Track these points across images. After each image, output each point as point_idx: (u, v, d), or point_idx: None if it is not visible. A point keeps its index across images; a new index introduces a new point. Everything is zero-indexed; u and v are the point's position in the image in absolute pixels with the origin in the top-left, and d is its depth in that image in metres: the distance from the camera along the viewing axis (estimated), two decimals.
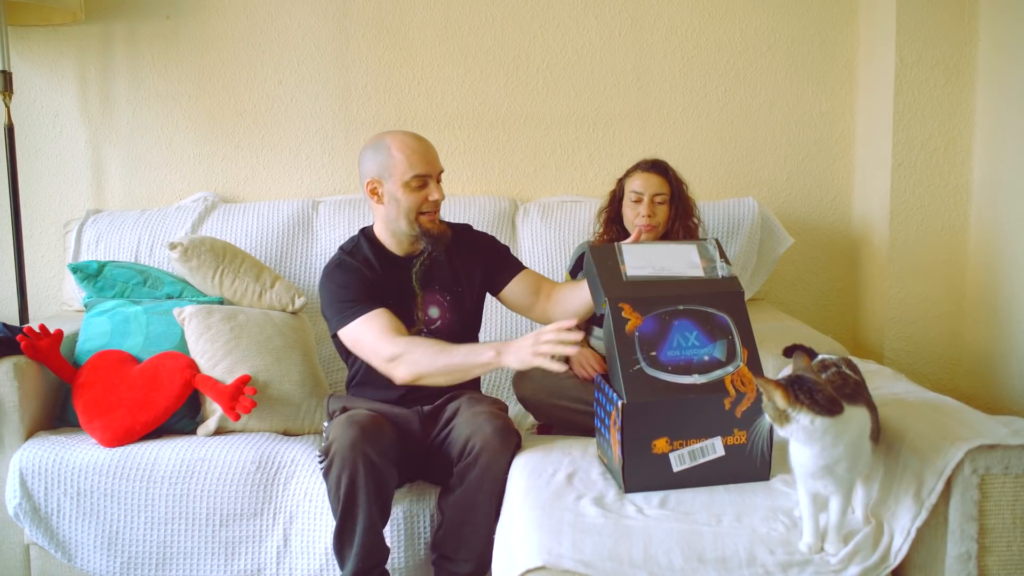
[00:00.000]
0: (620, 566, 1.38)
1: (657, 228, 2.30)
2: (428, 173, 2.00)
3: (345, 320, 1.96)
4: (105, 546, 2.05)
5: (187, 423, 2.22)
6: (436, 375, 1.87)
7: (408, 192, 1.99)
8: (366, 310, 1.94)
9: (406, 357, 1.87)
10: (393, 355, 1.88)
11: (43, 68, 2.85)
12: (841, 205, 2.95)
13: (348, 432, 1.80)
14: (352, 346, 1.98)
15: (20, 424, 2.13)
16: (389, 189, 2.00)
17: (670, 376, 1.63)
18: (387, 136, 2.02)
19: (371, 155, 2.01)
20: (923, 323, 2.74)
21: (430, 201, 2.01)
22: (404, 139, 2.00)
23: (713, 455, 1.63)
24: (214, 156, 2.91)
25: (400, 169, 1.97)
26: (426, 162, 1.99)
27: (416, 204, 2.00)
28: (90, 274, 2.42)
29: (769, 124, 2.93)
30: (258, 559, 2.04)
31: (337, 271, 2.03)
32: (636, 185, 2.31)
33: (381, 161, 1.99)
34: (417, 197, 2.00)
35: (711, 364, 1.64)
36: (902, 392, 1.71)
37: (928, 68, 2.64)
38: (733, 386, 1.63)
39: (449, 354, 1.86)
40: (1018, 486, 1.37)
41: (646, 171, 2.33)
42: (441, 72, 2.89)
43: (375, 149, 2.01)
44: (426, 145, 2.02)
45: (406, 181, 1.98)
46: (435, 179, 2.02)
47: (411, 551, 1.99)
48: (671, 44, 2.90)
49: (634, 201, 2.30)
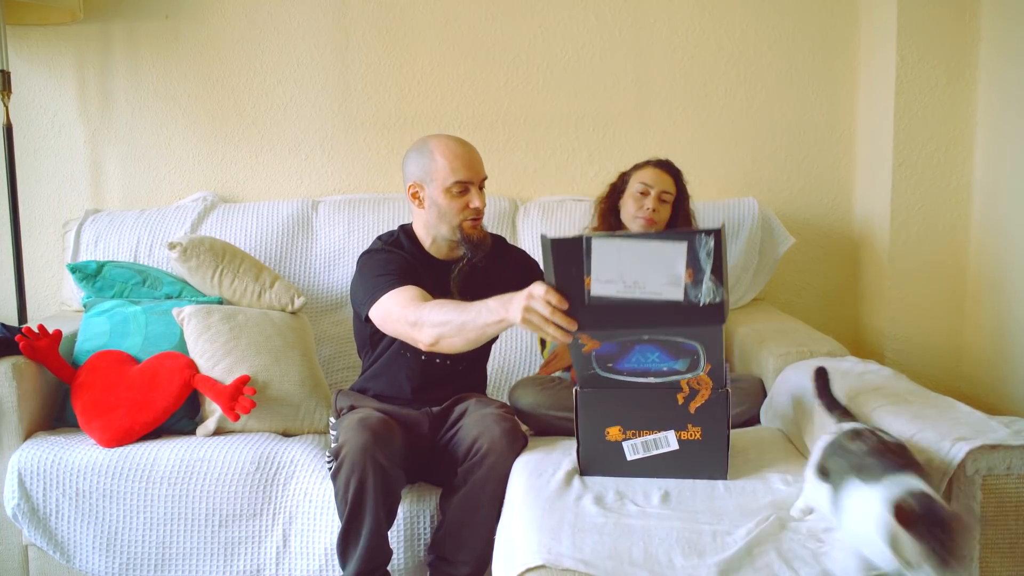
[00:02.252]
0: (620, 565, 1.38)
1: (657, 224, 2.31)
2: (470, 180, 1.98)
3: (377, 294, 1.90)
4: (104, 547, 2.04)
5: (186, 423, 2.21)
6: (453, 336, 1.76)
7: (449, 198, 1.97)
8: (398, 284, 1.90)
9: (425, 318, 1.79)
10: (416, 319, 1.80)
11: (42, 68, 2.85)
12: (842, 205, 2.95)
13: (360, 436, 1.79)
14: (383, 322, 1.91)
15: (19, 424, 2.12)
16: (430, 194, 1.99)
17: (625, 377, 1.65)
18: (431, 140, 2.00)
19: (414, 158, 2.00)
20: (924, 323, 2.74)
21: (471, 208, 1.99)
22: (448, 143, 1.99)
23: (667, 448, 1.65)
24: (213, 156, 2.91)
25: (442, 174, 1.96)
26: (469, 168, 1.97)
27: (457, 210, 1.98)
28: (89, 274, 2.41)
29: (769, 124, 2.92)
30: (257, 559, 2.03)
31: (379, 253, 2.01)
32: (646, 178, 2.32)
33: (424, 165, 1.98)
34: (458, 203, 1.98)
35: (669, 373, 1.64)
36: (903, 392, 1.71)
37: (929, 68, 2.64)
38: (688, 385, 1.64)
39: (463, 311, 1.75)
40: (1020, 486, 1.37)
41: (658, 167, 2.35)
42: (441, 72, 2.89)
43: (418, 152, 2.00)
44: (470, 150, 2.00)
45: (447, 187, 1.96)
46: (477, 186, 2.00)
47: (411, 552, 1.98)
48: (671, 44, 2.89)
49: (640, 193, 2.31)
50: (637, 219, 2.31)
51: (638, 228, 2.32)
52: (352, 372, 2.52)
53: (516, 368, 2.58)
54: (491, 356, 2.33)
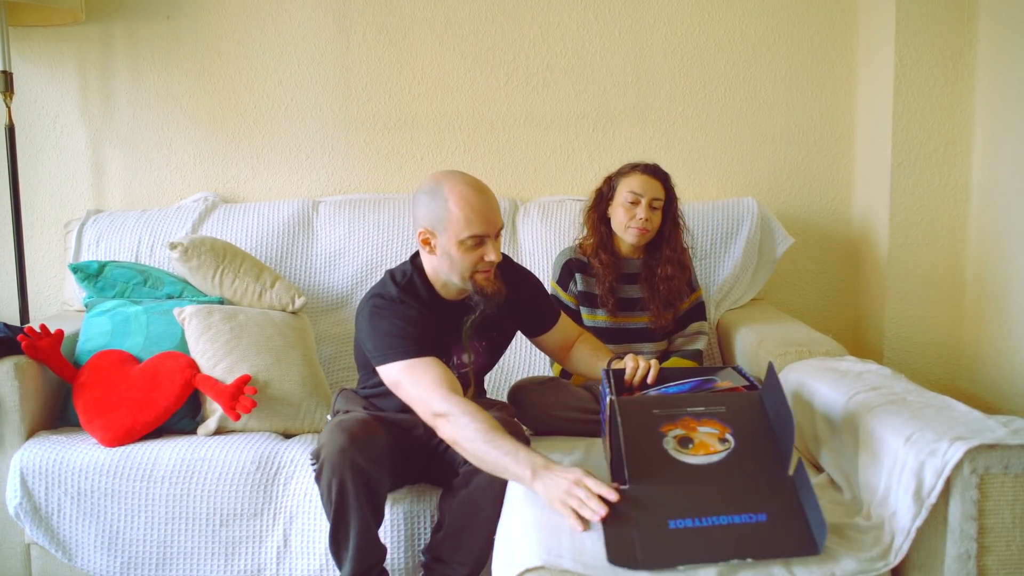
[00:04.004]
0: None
1: (650, 233, 2.28)
2: (486, 233, 1.83)
3: (395, 357, 1.81)
4: (105, 546, 2.05)
5: (187, 423, 2.22)
6: (471, 454, 1.69)
7: (463, 251, 1.83)
8: (420, 354, 1.80)
9: (454, 420, 1.71)
10: (444, 412, 1.72)
11: (44, 68, 2.86)
12: (841, 205, 2.95)
13: (337, 438, 1.78)
14: (394, 386, 1.83)
15: (21, 424, 2.13)
16: (442, 243, 1.84)
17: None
18: (445, 183, 1.83)
19: (426, 202, 1.84)
20: (923, 323, 2.74)
21: (485, 261, 1.85)
22: (464, 192, 1.81)
23: None
24: (214, 156, 2.91)
25: (456, 227, 1.81)
26: (485, 221, 1.82)
27: (471, 264, 1.85)
28: (90, 274, 2.42)
29: (769, 124, 2.93)
30: (258, 559, 2.04)
31: (397, 307, 1.87)
32: (635, 186, 2.26)
33: (436, 213, 1.82)
34: (472, 257, 1.84)
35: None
36: (901, 392, 1.71)
37: (928, 68, 2.64)
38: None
39: (491, 443, 1.65)
40: (1018, 486, 1.37)
41: (646, 174, 2.28)
42: (441, 72, 2.89)
43: (431, 197, 1.84)
44: (487, 199, 1.83)
45: (461, 240, 1.82)
46: (493, 237, 1.85)
47: (411, 551, 1.98)
48: (671, 44, 2.90)
49: (631, 202, 2.26)
50: (630, 229, 2.26)
51: (631, 238, 2.27)
52: (352, 372, 2.53)
53: (516, 368, 2.59)
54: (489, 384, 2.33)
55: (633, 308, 2.33)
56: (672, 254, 2.31)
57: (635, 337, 2.33)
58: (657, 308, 2.30)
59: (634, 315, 2.33)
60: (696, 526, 1.41)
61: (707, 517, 1.42)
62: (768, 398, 1.59)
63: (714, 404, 1.59)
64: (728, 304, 2.70)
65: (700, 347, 2.36)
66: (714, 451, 1.52)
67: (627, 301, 2.32)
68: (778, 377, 1.57)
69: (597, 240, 2.31)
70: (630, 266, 2.34)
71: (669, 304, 2.32)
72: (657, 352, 2.36)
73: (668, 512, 1.43)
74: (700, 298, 2.41)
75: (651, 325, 2.32)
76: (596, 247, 2.31)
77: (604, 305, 2.30)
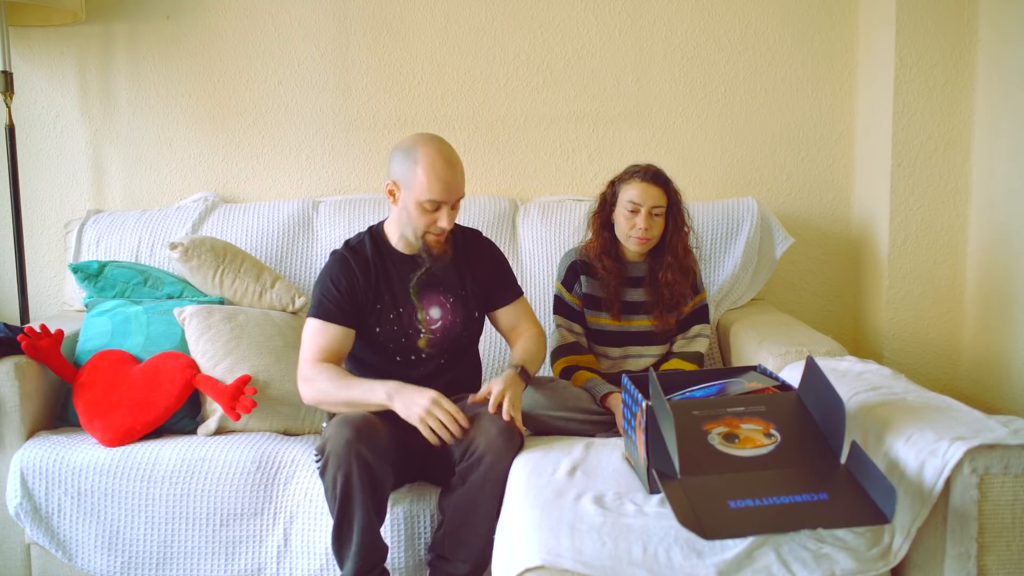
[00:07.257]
0: (619, 565, 1.38)
1: (651, 241, 2.26)
2: (444, 200, 1.98)
3: (312, 313, 2.03)
4: (106, 546, 2.05)
5: (187, 423, 2.22)
6: (335, 405, 1.95)
7: (419, 212, 2.00)
8: (327, 318, 2.01)
9: (314, 383, 1.96)
10: (306, 376, 1.97)
11: (44, 69, 2.86)
12: (841, 205, 2.95)
13: (343, 432, 1.80)
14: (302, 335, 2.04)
15: (21, 424, 2.13)
16: (404, 199, 2.01)
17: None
18: (420, 146, 1.99)
19: (400, 159, 2.00)
20: (923, 323, 2.74)
21: (437, 226, 2.01)
22: (434, 160, 1.97)
23: None
24: (214, 156, 2.91)
25: (419, 189, 1.97)
26: (446, 190, 1.97)
27: (424, 225, 2.01)
28: (91, 274, 2.42)
29: (769, 124, 2.93)
30: (258, 559, 2.04)
31: (336, 266, 2.07)
32: (633, 195, 2.23)
33: (405, 172, 1.99)
34: (427, 219, 2.01)
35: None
36: (902, 392, 1.71)
37: (928, 68, 2.64)
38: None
39: (349, 387, 1.93)
40: (1017, 486, 1.37)
41: (645, 181, 2.24)
42: (441, 72, 2.89)
43: (405, 155, 2.00)
44: (454, 172, 1.99)
45: (420, 201, 1.98)
46: (450, 205, 2.01)
47: (411, 551, 1.99)
48: (671, 44, 2.90)
49: (630, 211, 2.24)
50: (631, 238, 2.24)
51: (632, 246, 2.26)
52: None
53: None
54: (488, 356, 2.34)
55: (637, 311, 2.32)
56: (674, 260, 2.29)
57: (638, 340, 2.33)
58: (660, 312, 2.30)
59: (638, 318, 2.33)
60: (758, 505, 1.40)
61: (767, 498, 1.40)
62: (807, 395, 1.58)
63: (753, 404, 1.59)
64: (728, 304, 2.71)
65: (701, 349, 2.36)
66: (761, 444, 1.52)
67: (631, 304, 2.32)
68: (820, 368, 1.55)
69: (601, 245, 2.30)
70: (635, 269, 2.33)
71: (672, 308, 2.31)
72: (659, 355, 2.35)
73: (727, 495, 1.42)
74: (704, 301, 2.40)
75: (654, 328, 2.32)
76: (600, 252, 2.30)
77: (608, 309, 2.30)
